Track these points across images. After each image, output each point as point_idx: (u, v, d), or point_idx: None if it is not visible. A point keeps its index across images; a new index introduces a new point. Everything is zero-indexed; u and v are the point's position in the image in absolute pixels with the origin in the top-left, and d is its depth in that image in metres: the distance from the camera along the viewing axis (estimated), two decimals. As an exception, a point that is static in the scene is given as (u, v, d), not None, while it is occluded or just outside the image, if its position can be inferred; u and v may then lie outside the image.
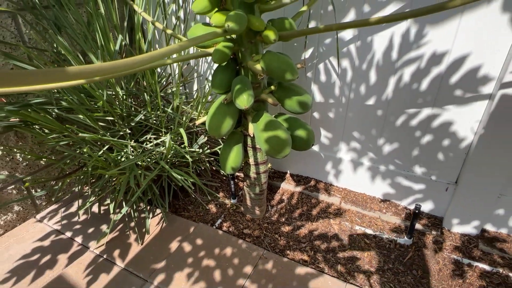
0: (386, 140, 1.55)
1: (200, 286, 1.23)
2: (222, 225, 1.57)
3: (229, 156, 1.32)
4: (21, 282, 1.26)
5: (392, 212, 1.60)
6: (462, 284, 1.26)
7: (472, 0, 0.71)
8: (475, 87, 1.26)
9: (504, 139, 1.22)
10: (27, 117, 1.26)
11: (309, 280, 1.25)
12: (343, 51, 1.43)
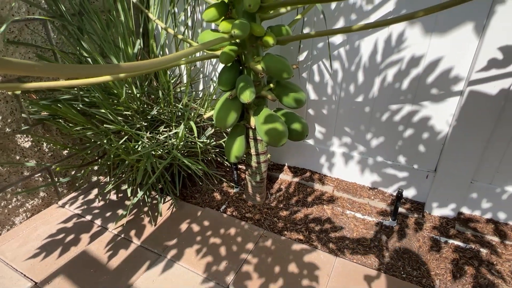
0: (373, 135, 1.73)
1: (207, 259, 1.40)
2: (226, 210, 1.74)
3: (233, 146, 1.49)
4: (50, 256, 1.43)
5: (380, 199, 1.78)
6: (438, 258, 1.43)
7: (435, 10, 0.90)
8: (448, 85, 1.44)
9: (472, 130, 1.41)
10: (56, 111, 1.45)
11: (303, 254, 1.43)
12: (334, 54, 1.62)
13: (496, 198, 1.54)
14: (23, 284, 1.30)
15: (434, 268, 1.39)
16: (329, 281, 1.30)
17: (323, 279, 1.31)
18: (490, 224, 1.58)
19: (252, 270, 1.35)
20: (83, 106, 1.51)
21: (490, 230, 1.55)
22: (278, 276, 1.32)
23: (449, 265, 1.39)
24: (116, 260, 1.41)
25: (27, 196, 1.62)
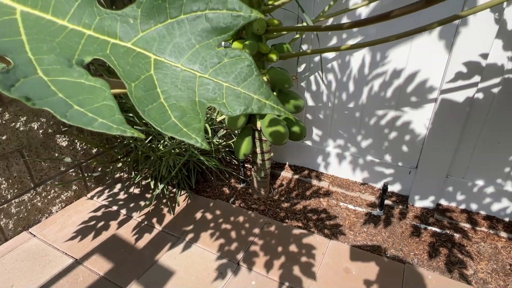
0: (363, 137, 1.98)
1: (220, 241, 1.65)
2: (234, 202, 1.98)
3: (242, 145, 1.74)
4: (85, 239, 1.68)
5: (369, 192, 2.02)
6: (418, 241, 1.67)
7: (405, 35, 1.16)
8: (424, 94, 1.70)
9: (445, 132, 1.66)
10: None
11: (302, 238, 1.67)
12: (328, 66, 1.89)
13: (468, 191, 1.79)
14: (66, 260, 1.54)
15: (414, 249, 1.63)
16: (323, 258, 1.54)
17: (319, 256, 1.55)
18: (464, 213, 1.82)
19: (259, 250, 1.59)
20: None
21: (463, 218, 1.79)
22: (280, 254, 1.56)
23: (426, 247, 1.63)
24: (141, 242, 1.65)
25: (62, 189, 1.87)
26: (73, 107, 0.17)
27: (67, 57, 0.19)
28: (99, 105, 0.17)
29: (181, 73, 0.20)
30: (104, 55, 0.20)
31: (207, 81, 0.20)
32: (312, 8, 1.77)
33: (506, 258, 1.55)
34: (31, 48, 0.19)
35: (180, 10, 0.20)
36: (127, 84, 0.19)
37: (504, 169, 1.67)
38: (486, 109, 1.58)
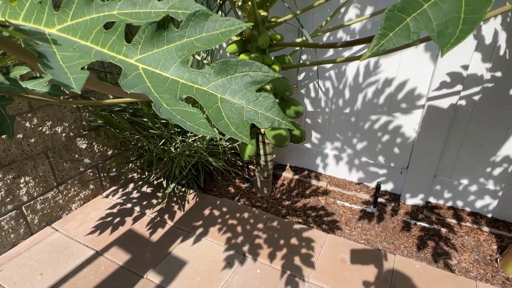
0: (358, 139, 2.14)
1: (227, 235, 1.80)
2: (239, 200, 2.14)
3: (247, 147, 1.91)
4: (104, 233, 1.83)
5: (364, 191, 2.18)
6: (408, 235, 1.83)
7: (393, 51, 1.32)
8: (413, 101, 1.87)
9: (432, 135, 1.82)
10: (111, 120, 1.87)
11: (302, 232, 1.82)
12: (326, 75, 2.05)
13: (455, 189, 1.95)
14: (87, 251, 1.70)
15: (404, 242, 1.78)
16: (321, 250, 1.69)
17: (317, 248, 1.70)
18: (450, 210, 1.98)
19: (263, 242, 1.74)
20: (129, 115, 1.93)
21: (450, 214, 1.95)
22: (282, 246, 1.72)
23: (415, 240, 1.79)
24: (156, 236, 1.81)
25: (81, 187, 2.03)
26: (186, 124, 0.33)
27: (174, 94, 0.35)
28: (199, 122, 0.33)
29: (235, 104, 0.36)
30: (192, 94, 0.36)
31: (249, 110, 0.35)
32: (311, 22, 1.94)
33: (487, 250, 1.71)
34: (155, 90, 0.35)
35: (235, 71, 0.36)
36: (206, 110, 0.35)
37: (486, 169, 1.83)
38: (469, 115, 1.74)
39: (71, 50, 0.36)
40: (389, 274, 1.55)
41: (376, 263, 1.62)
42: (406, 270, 1.58)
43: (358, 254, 1.68)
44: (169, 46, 0.37)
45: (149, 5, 0.40)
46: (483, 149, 1.79)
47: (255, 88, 0.36)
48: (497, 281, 1.53)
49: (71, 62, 0.32)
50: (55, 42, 0.37)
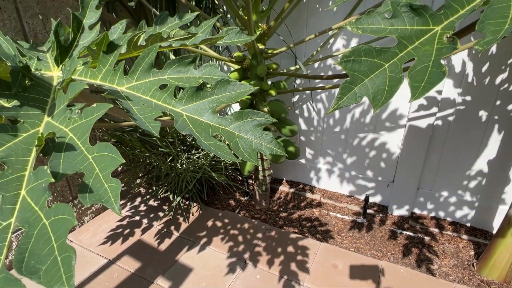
0: (348, 155, 2.34)
1: (229, 244, 1.96)
2: (240, 212, 2.31)
3: (247, 163, 2.09)
4: (115, 243, 1.98)
5: (355, 203, 2.36)
6: (394, 243, 2.00)
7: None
8: (396, 120, 2.08)
9: (413, 152, 2.03)
10: (123, 139, 2.05)
11: (298, 241, 1.99)
12: (318, 97, 2.27)
13: (436, 200, 2.14)
14: (101, 260, 1.85)
15: (391, 249, 1.95)
16: (315, 257, 1.86)
17: (312, 255, 1.87)
18: (433, 220, 2.16)
19: (262, 250, 1.91)
20: (139, 135, 2.12)
21: (433, 224, 2.13)
22: (280, 254, 1.88)
23: (401, 248, 1.96)
24: (163, 245, 1.97)
25: (93, 201, 2.19)
26: (218, 152, 0.52)
27: (208, 133, 0.54)
28: (225, 151, 0.53)
29: (247, 139, 0.55)
30: (219, 132, 0.55)
31: (256, 142, 0.54)
32: (304, 51, 2.17)
33: (465, 256, 1.88)
34: (196, 130, 0.54)
35: (247, 117, 0.55)
36: (228, 141, 0.54)
37: (463, 182, 2.03)
38: (445, 133, 1.96)
39: (141, 104, 0.55)
40: (376, 278, 1.72)
41: (365, 268, 1.78)
42: (392, 274, 1.74)
43: (349, 260, 1.84)
44: (203, 100, 0.57)
45: (188, 72, 0.59)
46: (459, 164, 1.99)
47: (260, 128, 0.55)
48: (473, 283, 1.69)
49: (146, 115, 0.52)
50: (128, 98, 0.57)
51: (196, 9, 1.69)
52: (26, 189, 0.38)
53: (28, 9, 1.62)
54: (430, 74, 0.47)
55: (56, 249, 0.33)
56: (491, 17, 0.46)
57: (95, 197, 0.39)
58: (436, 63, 0.48)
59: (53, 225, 0.34)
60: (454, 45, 0.47)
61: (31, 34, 1.66)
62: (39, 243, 0.33)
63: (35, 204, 0.36)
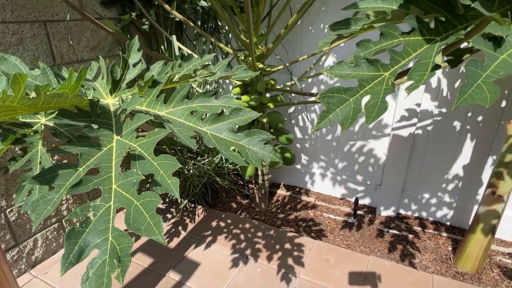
0: (339, 160, 2.57)
1: (232, 242, 2.17)
2: (241, 213, 2.52)
3: (248, 169, 2.31)
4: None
5: (346, 205, 2.58)
6: (381, 241, 2.22)
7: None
8: (382, 129, 2.31)
9: (397, 158, 2.26)
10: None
11: (294, 239, 2.20)
12: (311, 108, 2.51)
13: (419, 202, 2.36)
14: (117, 256, 2.05)
15: (378, 246, 2.17)
16: (310, 252, 2.07)
17: (306, 252, 2.08)
18: (417, 220, 2.39)
19: (262, 247, 2.12)
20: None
21: (416, 223, 2.35)
22: (278, 250, 2.09)
23: (387, 244, 2.18)
24: (172, 244, 2.17)
25: (107, 204, 2.40)
26: (235, 160, 0.73)
27: (227, 146, 0.76)
28: (240, 160, 0.74)
29: (254, 150, 0.76)
30: (234, 145, 0.76)
31: (261, 153, 0.76)
32: (299, 68, 2.41)
33: (444, 251, 2.10)
34: (218, 145, 0.75)
35: (254, 134, 0.77)
36: (240, 152, 0.76)
37: (442, 185, 2.25)
38: (424, 141, 2.19)
39: (178, 125, 0.77)
40: (363, 270, 1.93)
41: (354, 262, 2.00)
42: (378, 267, 1.96)
43: (340, 255, 2.06)
44: (222, 123, 0.79)
45: (211, 102, 0.82)
46: (438, 169, 2.23)
47: (263, 142, 0.78)
48: (449, 275, 1.91)
49: (183, 133, 0.74)
50: (168, 121, 0.79)
51: (203, 33, 1.92)
52: (116, 184, 0.59)
53: (56, 34, 1.85)
54: (379, 108, 0.70)
55: (148, 217, 0.54)
56: (417, 70, 0.68)
57: (162, 189, 0.60)
58: (383, 100, 0.70)
59: (143, 204, 0.55)
60: (393, 88, 0.70)
61: (58, 55, 1.88)
62: (137, 215, 0.54)
63: (126, 193, 0.57)
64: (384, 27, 0.80)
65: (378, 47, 0.80)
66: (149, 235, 0.53)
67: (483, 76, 0.62)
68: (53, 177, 0.58)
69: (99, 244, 0.53)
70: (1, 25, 1.59)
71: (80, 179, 0.58)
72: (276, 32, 2.32)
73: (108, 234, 0.53)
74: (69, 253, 0.52)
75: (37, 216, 0.56)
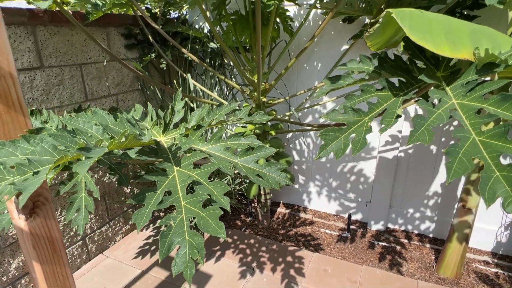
0: (333, 180, 2.86)
1: (240, 255, 2.41)
2: (245, 230, 2.77)
3: (252, 188, 2.58)
4: (145, 257, 2.40)
5: (340, 221, 2.85)
6: (373, 252, 2.48)
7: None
8: (370, 152, 2.63)
9: (383, 178, 2.57)
10: (150, 170, 2.53)
11: (295, 252, 2.45)
12: (307, 134, 2.82)
13: (405, 216, 2.65)
14: (136, 271, 2.26)
15: (370, 257, 2.43)
16: (309, 264, 2.32)
17: (306, 263, 2.33)
18: (403, 232, 2.67)
19: (266, 260, 2.36)
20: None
21: (403, 236, 2.63)
22: (281, 262, 2.33)
23: (378, 255, 2.44)
24: (185, 258, 2.39)
25: (123, 223, 2.62)
26: (260, 183, 1.01)
27: (254, 173, 1.04)
28: (264, 183, 1.02)
29: (273, 176, 1.04)
30: (259, 172, 1.05)
31: (278, 178, 1.04)
32: (296, 100, 2.75)
33: (427, 260, 2.37)
34: (247, 172, 1.04)
35: (273, 165, 1.06)
36: (263, 177, 1.04)
37: (424, 201, 2.56)
38: (406, 163, 2.51)
39: (217, 158, 1.06)
40: (357, 278, 2.18)
41: (349, 271, 2.25)
42: (370, 275, 2.21)
43: (336, 266, 2.31)
44: (250, 156, 1.08)
45: (241, 140, 1.11)
46: (420, 187, 2.54)
47: (280, 170, 1.06)
48: (432, 280, 2.18)
49: (224, 165, 1.02)
50: (210, 155, 1.08)
51: (212, 70, 2.25)
52: (184, 202, 0.86)
53: (88, 75, 2.15)
54: (361, 143, 1.00)
55: (213, 223, 0.81)
56: (386, 117, 0.99)
57: (218, 205, 0.88)
58: (364, 137, 1.01)
59: (209, 215, 0.83)
60: (371, 129, 1.01)
61: (89, 92, 2.18)
62: (205, 222, 0.81)
63: (193, 207, 0.84)
64: (364, 86, 1.12)
65: (360, 99, 1.12)
66: (216, 234, 0.80)
67: (425, 125, 0.93)
68: (143, 197, 0.85)
69: (180, 241, 0.79)
70: (48, 69, 1.89)
71: (162, 199, 0.86)
72: (275, 69, 2.67)
73: (185, 235, 0.80)
74: (163, 247, 0.79)
75: (138, 224, 0.83)
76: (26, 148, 0.76)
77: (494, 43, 1.02)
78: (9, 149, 0.75)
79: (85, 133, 0.91)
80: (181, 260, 0.77)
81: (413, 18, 0.93)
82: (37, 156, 0.76)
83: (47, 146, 0.78)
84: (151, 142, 1.00)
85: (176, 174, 0.97)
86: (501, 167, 0.74)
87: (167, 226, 0.81)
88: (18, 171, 0.71)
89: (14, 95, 0.97)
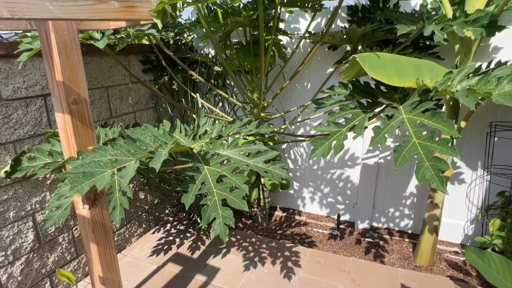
0: (324, 185, 3.24)
1: (243, 252, 2.73)
2: (247, 231, 3.10)
3: (253, 193, 2.93)
4: (159, 255, 2.70)
5: (331, 221, 3.21)
6: (359, 247, 2.83)
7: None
8: (354, 160, 3.03)
9: (367, 182, 2.95)
10: (163, 178, 2.87)
11: (291, 248, 2.79)
12: (301, 144, 3.21)
13: (387, 215, 3.03)
14: (152, 266, 2.56)
15: (357, 251, 2.78)
16: (305, 257, 2.66)
17: (302, 257, 2.66)
18: (386, 229, 3.03)
19: (267, 255, 2.69)
20: (175, 174, 2.95)
21: (385, 232, 3.00)
22: (280, 256, 2.67)
23: (364, 249, 2.80)
24: (195, 255, 2.71)
25: (138, 226, 2.93)
26: (271, 179, 1.36)
27: (263, 171, 1.40)
28: (272, 182, 1.38)
29: (277, 172, 1.41)
30: (267, 170, 1.41)
31: (280, 173, 1.40)
32: (290, 114, 3.15)
33: (406, 252, 2.74)
34: (258, 170, 1.40)
35: (276, 163, 1.43)
36: (270, 174, 1.40)
37: (402, 201, 2.94)
38: (386, 168, 2.91)
39: (234, 160, 1.43)
40: (346, 268, 2.53)
41: (338, 262, 2.59)
42: (357, 265, 2.56)
43: (328, 258, 2.65)
44: (259, 157, 1.44)
45: (251, 146, 1.48)
46: (398, 189, 2.93)
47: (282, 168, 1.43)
48: (410, 267, 2.54)
49: (240, 164, 1.38)
50: (229, 157, 1.44)
51: (216, 89, 2.64)
52: (216, 189, 1.22)
53: (113, 95, 2.52)
54: (340, 147, 1.39)
55: (238, 201, 1.17)
56: (357, 128, 1.38)
57: (240, 191, 1.24)
58: (342, 143, 1.39)
59: (234, 196, 1.18)
60: (346, 137, 1.40)
61: (113, 110, 2.54)
62: (231, 201, 1.17)
63: (223, 192, 1.20)
64: (342, 105, 1.52)
65: (339, 115, 1.51)
66: (241, 208, 1.15)
67: (382, 132, 1.32)
68: (187, 186, 1.20)
69: (215, 215, 1.15)
70: (82, 92, 2.25)
71: (200, 187, 1.21)
72: (272, 89, 3.08)
73: (218, 210, 1.15)
74: (204, 218, 1.14)
75: (186, 203, 1.18)
76: (111, 151, 1.11)
77: (433, 74, 1.44)
78: (102, 152, 1.10)
79: (143, 141, 1.27)
80: (217, 226, 1.12)
81: (371, 60, 1.34)
82: (119, 157, 1.11)
83: (124, 150, 1.13)
84: (187, 148, 1.36)
85: (206, 171, 1.33)
86: (429, 159, 1.13)
87: (205, 205, 1.17)
88: (112, 166, 1.07)
89: (87, 115, 1.34)
